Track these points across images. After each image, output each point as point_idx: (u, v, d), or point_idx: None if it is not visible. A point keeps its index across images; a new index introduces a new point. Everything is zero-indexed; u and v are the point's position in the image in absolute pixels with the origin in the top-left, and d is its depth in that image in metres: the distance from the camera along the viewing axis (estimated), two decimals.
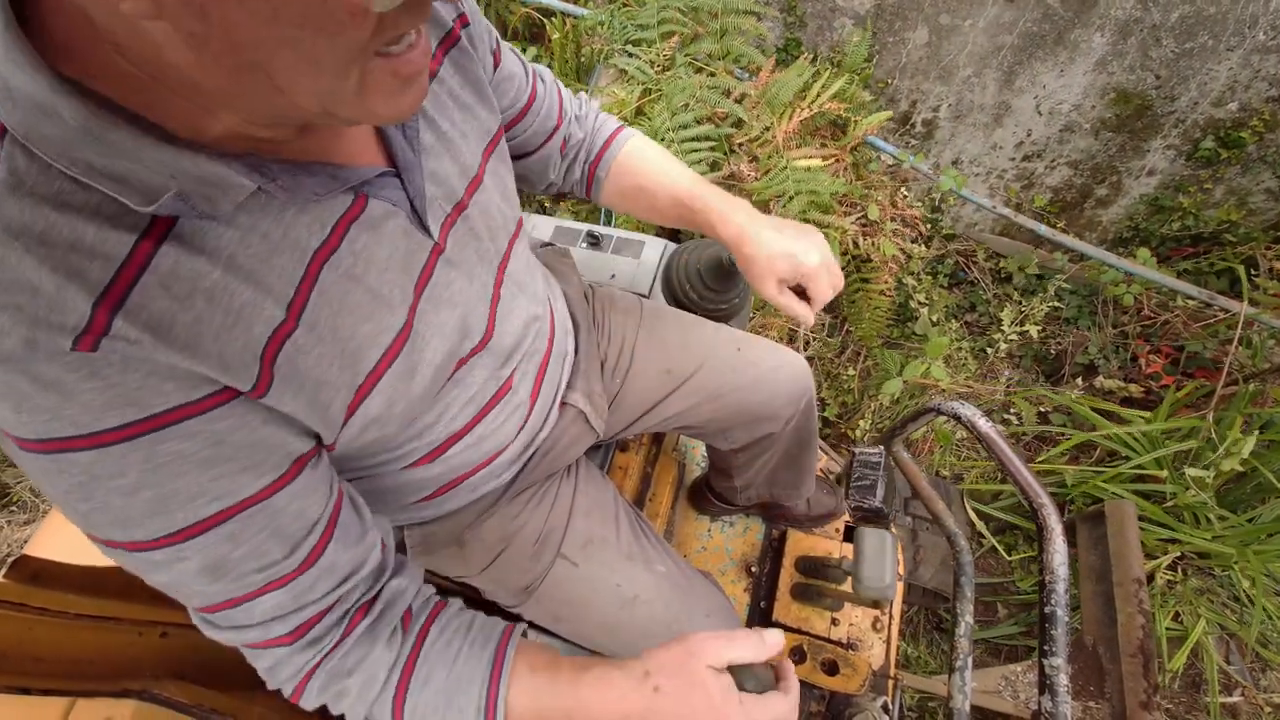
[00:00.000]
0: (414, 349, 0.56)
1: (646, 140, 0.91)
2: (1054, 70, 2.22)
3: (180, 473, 0.43)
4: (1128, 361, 2.46)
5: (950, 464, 2.45)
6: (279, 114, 0.39)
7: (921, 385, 2.36)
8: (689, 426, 1.07)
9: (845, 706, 1.35)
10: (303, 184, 0.45)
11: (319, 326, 0.48)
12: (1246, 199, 2.33)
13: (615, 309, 1.03)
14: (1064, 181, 2.55)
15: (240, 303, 0.43)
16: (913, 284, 2.51)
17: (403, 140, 0.53)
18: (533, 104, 0.79)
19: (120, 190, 0.37)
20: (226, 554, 0.46)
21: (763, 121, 1.94)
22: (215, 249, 0.42)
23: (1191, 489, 1.94)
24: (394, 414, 0.56)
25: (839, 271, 0.81)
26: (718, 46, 2.02)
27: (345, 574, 0.54)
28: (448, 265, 0.58)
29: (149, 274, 0.39)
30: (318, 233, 0.47)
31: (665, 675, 0.54)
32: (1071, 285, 2.64)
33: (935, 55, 2.33)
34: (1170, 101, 2.18)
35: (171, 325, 0.40)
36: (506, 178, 0.69)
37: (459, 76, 0.61)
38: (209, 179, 0.39)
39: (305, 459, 0.50)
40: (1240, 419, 1.95)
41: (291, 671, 0.53)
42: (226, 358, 0.43)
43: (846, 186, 1.96)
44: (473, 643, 0.57)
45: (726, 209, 0.82)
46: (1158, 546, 2.04)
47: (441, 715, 0.55)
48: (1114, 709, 1.73)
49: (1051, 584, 0.86)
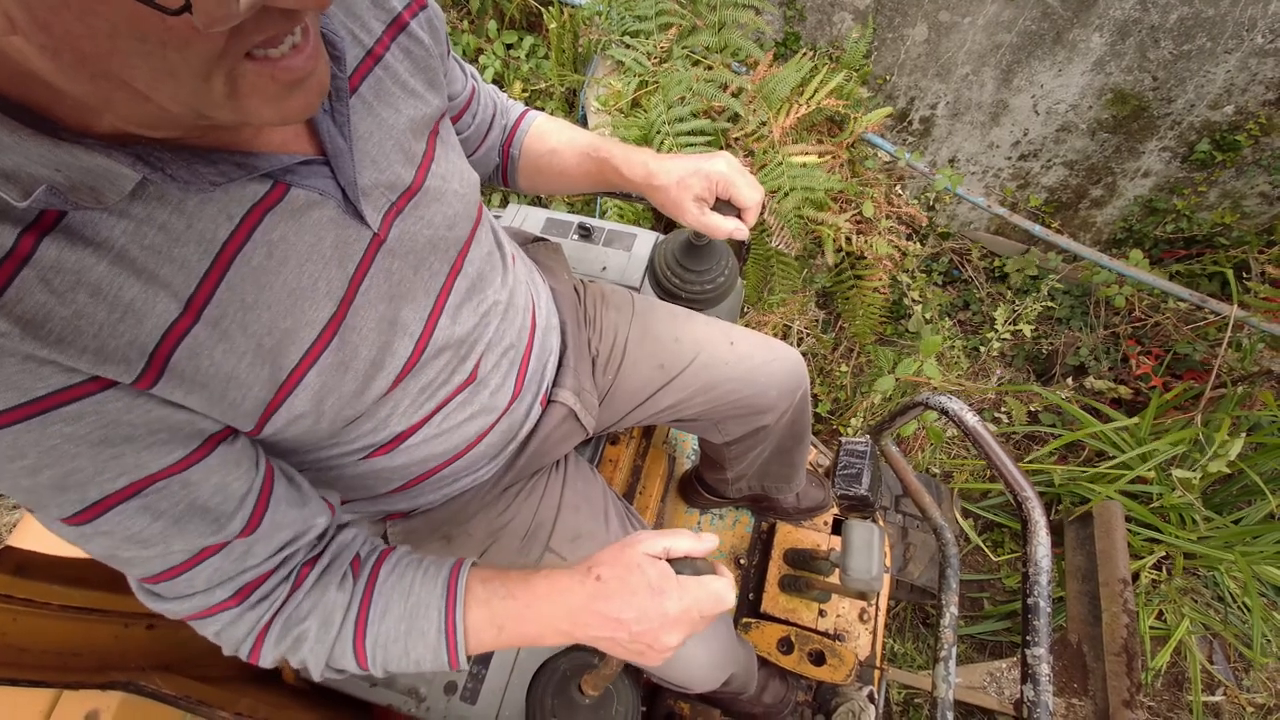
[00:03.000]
0: (345, 343, 0.54)
1: (549, 116, 0.92)
2: (1052, 70, 2.22)
3: (75, 453, 0.42)
4: (1118, 363, 2.47)
5: (940, 462, 2.46)
6: (154, 118, 0.38)
7: (914, 383, 2.36)
8: (682, 420, 1.07)
9: (831, 696, 1.38)
10: (199, 173, 0.43)
11: (224, 322, 0.47)
12: (1240, 202, 2.34)
13: (607, 304, 1.03)
14: (1059, 182, 2.55)
15: (130, 297, 0.42)
16: (907, 282, 2.51)
17: (332, 127, 0.51)
18: (472, 101, 0.80)
19: (3, 186, 0.37)
20: (145, 526, 0.46)
21: (759, 116, 1.93)
22: (104, 241, 0.41)
23: (1178, 490, 1.96)
24: (324, 409, 0.55)
25: (753, 178, 0.81)
26: (715, 39, 2.00)
27: (287, 539, 0.54)
28: (389, 256, 0.56)
29: (28, 268, 0.39)
30: (225, 224, 0.46)
31: (605, 566, 0.57)
32: (1065, 285, 2.64)
33: (934, 52, 2.32)
34: (1167, 103, 2.18)
35: (46, 320, 0.39)
36: (459, 162, 0.67)
37: (408, 62, 0.60)
38: (93, 170, 0.39)
39: (219, 437, 0.50)
40: (1229, 421, 1.96)
41: (244, 631, 0.53)
42: (106, 352, 0.42)
43: (842, 183, 1.95)
44: (425, 572, 0.59)
45: (631, 154, 0.83)
46: (1144, 547, 2.05)
47: (403, 642, 0.56)
48: (1097, 706, 1.75)
49: (1035, 575, 0.87)
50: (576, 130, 0.89)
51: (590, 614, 0.55)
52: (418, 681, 1.07)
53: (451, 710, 1.05)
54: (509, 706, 1.07)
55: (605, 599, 0.55)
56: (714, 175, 0.78)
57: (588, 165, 0.86)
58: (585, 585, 0.56)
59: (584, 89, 2.32)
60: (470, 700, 1.07)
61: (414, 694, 1.05)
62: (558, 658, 1.07)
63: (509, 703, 1.07)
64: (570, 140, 0.87)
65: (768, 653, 1.33)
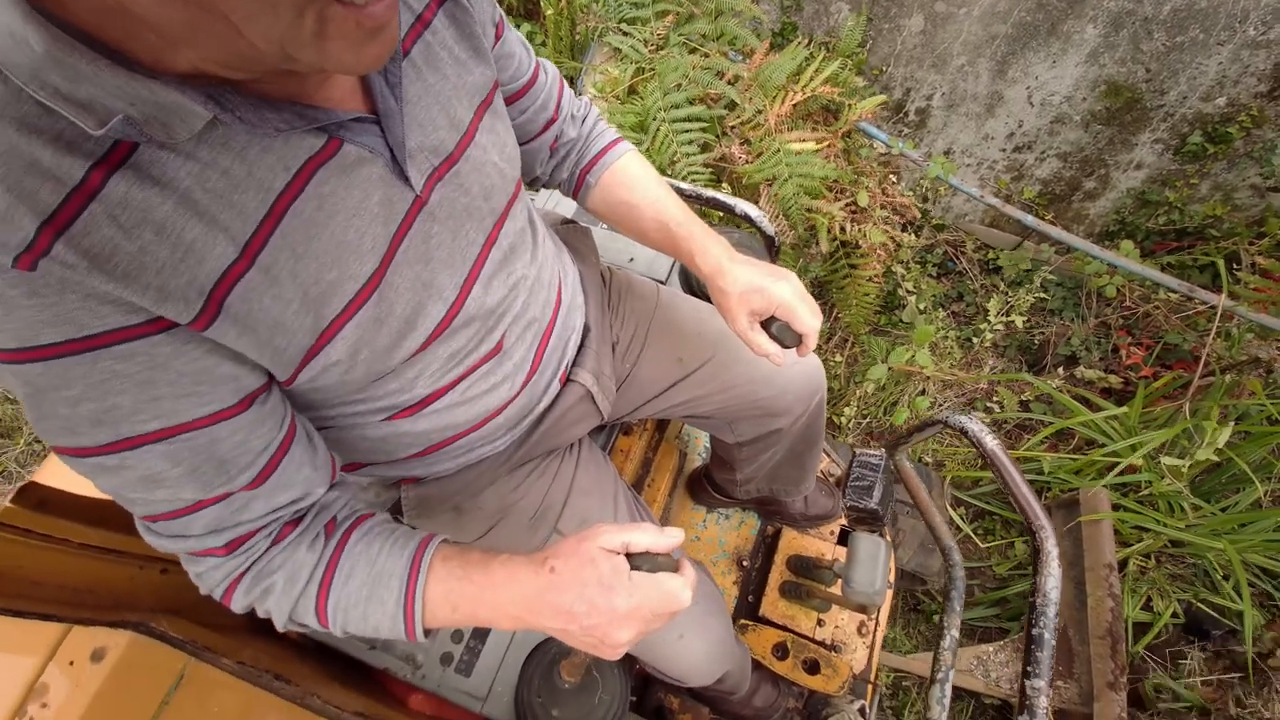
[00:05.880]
0: (384, 299, 0.56)
1: (641, 158, 0.91)
2: (1046, 61, 2.23)
3: (120, 390, 0.44)
4: (1109, 353, 2.50)
5: (933, 451, 2.48)
6: (239, 56, 0.39)
7: (906, 372, 2.38)
8: (696, 415, 1.07)
9: (823, 706, 1.36)
10: (265, 118, 0.44)
11: (275, 269, 0.48)
12: (1232, 195, 2.36)
13: (632, 293, 1.03)
14: (1053, 174, 2.57)
15: (191, 238, 0.44)
16: (901, 272, 2.53)
17: (385, 87, 0.52)
18: (530, 89, 0.79)
19: (80, 115, 0.38)
20: (164, 470, 0.48)
21: (755, 104, 1.94)
22: (170, 181, 0.43)
23: (1167, 478, 1.98)
24: (358, 361, 0.57)
25: (815, 305, 0.81)
26: (712, 27, 2.01)
27: (284, 502, 0.56)
28: (429, 219, 0.58)
29: (97, 202, 0.40)
30: (282, 174, 0.47)
31: (560, 558, 0.57)
32: (1057, 277, 2.66)
33: (930, 43, 2.33)
34: (1160, 95, 2.19)
35: (112, 254, 0.41)
36: (505, 137, 0.68)
37: (454, 30, 0.61)
38: (165, 106, 0.40)
39: (255, 394, 0.52)
40: (1217, 409, 1.98)
41: (221, 577, 0.56)
42: (167, 290, 0.43)
43: (838, 172, 1.97)
44: (394, 544, 0.60)
45: (708, 243, 0.83)
46: (1132, 535, 2.08)
47: (363, 607, 0.57)
48: (1082, 689, 1.77)
49: (1042, 606, 0.86)
50: (661, 190, 0.88)
51: (542, 604, 0.56)
52: (415, 649, 1.08)
53: (446, 680, 1.07)
54: (501, 683, 1.08)
55: (556, 591, 0.55)
56: (776, 299, 0.79)
57: (663, 235, 0.86)
58: (539, 576, 0.56)
59: (581, 76, 2.32)
60: (464, 673, 1.09)
61: (411, 660, 1.07)
62: (550, 641, 1.08)
63: (501, 679, 1.09)
64: (654, 200, 0.86)
65: (762, 656, 1.33)
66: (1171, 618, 2.04)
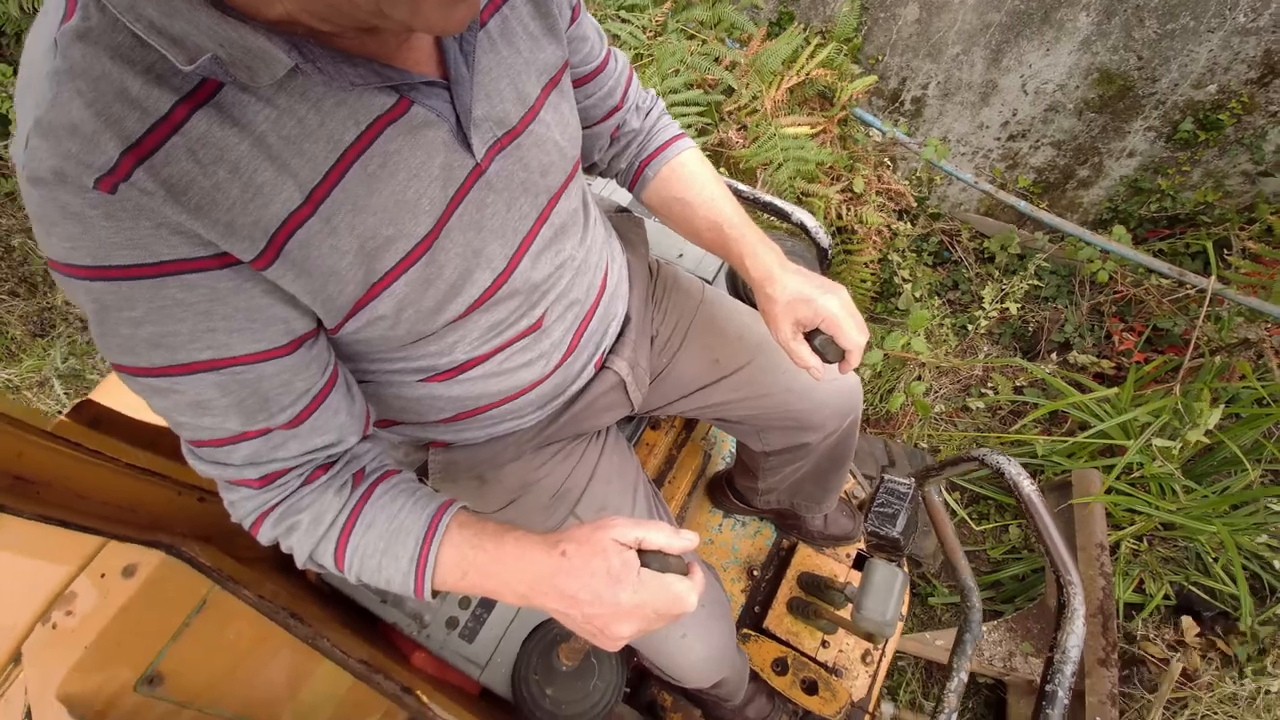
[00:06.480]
0: (434, 261, 0.57)
1: (702, 156, 0.90)
2: (1040, 49, 2.26)
3: (180, 318, 0.47)
4: (1102, 339, 2.52)
5: (927, 437, 2.50)
6: (333, 7, 0.40)
7: (902, 359, 2.40)
8: (726, 419, 1.06)
9: None
10: (343, 71, 0.46)
11: (335, 219, 0.50)
12: (1223, 182, 2.38)
13: (677, 288, 1.03)
14: (1047, 162, 2.60)
15: (261, 180, 0.46)
16: (897, 260, 2.55)
17: (458, 54, 0.54)
18: (599, 75, 0.79)
19: (172, 50, 0.40)
20: (213, 398, 0.51)
21: (752, 90, 1.96)
22: (248, 123, 0.45)
23: (1159, 460, 2.00)
24: (402, 318, 0.59)
25: (862, 321, 0.79)
26: (709, 14, 2.03)
27: (318, 445, 0.58)
28: (486, 188, 0.59)
29: (179, 135, 0.42)
30: (352, 129, 0.49)
31: (573, 543, 0.57)
32: (1051, 265, 2.69)
33: (925, 32, 2.35)
34: (1151, 82, 2.22)
35: (187, 187, 0.43)
36: (570, 117, 0.69)
37: (531, 7, 0.62)
38: (252, 50, 0.41)
39: (304, 338, 0.54)
40: (1207, 391, 2.01)
41: (252, 508, 0.58)
42: (234, 227, 0.46)
43: (833, 156, 1.99)
44: (416, 503, 0.61)
45: (760, 248, 0.81)
46: (1125, 518, 2.10)
47: (378, 559, 0.59)
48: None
49: (1060, 663, 0.82)
50: (719, 189, 0.87)
51: (548, 586, 0.56)
52: (423, 609, 1.10)
53: (449, 643, 1.09)
54: (501, 655, 1.10)
55: (565, 575, 0.56)
56: (823, 311, 0.77)
57: (715, 236, 0.85)
58: (550, 558, 0.57)
59: None
60: (467, 639, 1.11)
61: (418, 619, 1.09)
62: (552, 622, 1.09)
63: (502, 651, 1.10)
64: (709, 200, 0.85)
65: (761, 668, 1.32)
66: (1164, 600, 2.06)
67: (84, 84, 0.40)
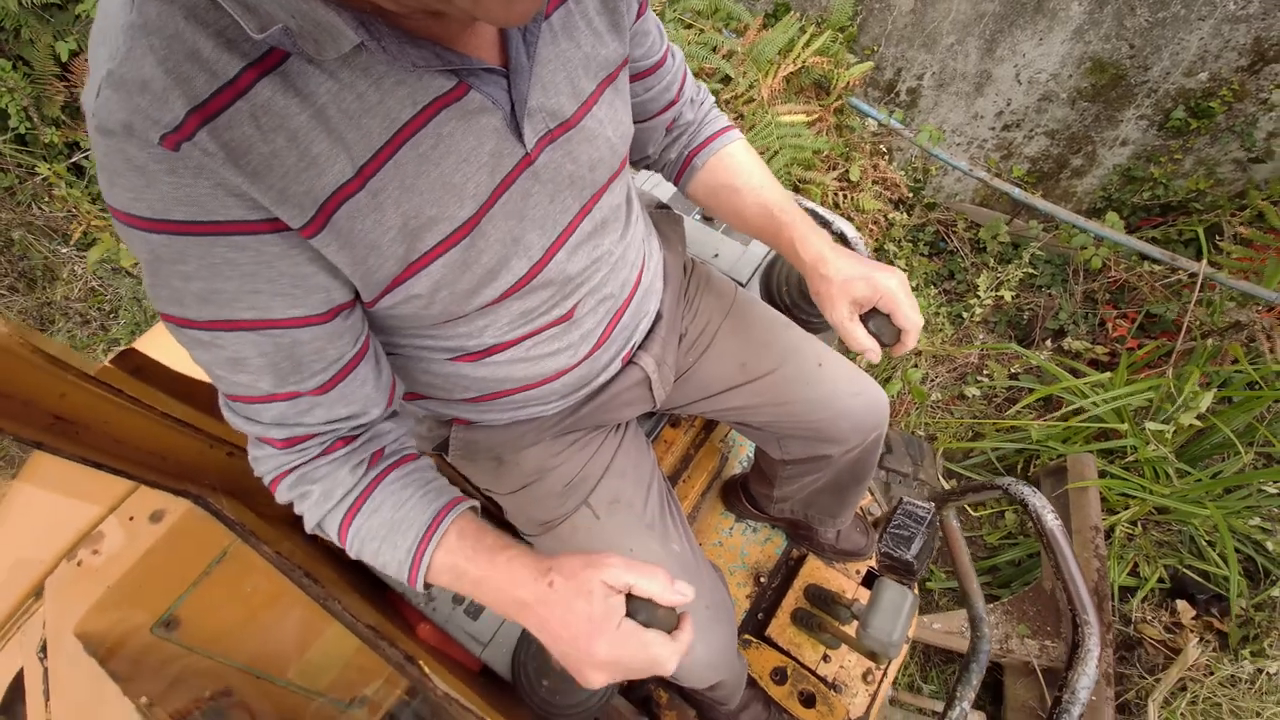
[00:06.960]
0: (473, 246, 0.58)
1: (749, 147, 0.90)
2: (1033, 39, 2.28)
3: (227, 276, 0.49)
4: (1095, 326, 2.55)
5: (925, 424, 2.53)
6: None
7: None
8: (747, 424, 1.06)
9: None
10: (406, 52, 0.47)
11: (382, 195, 0.51)
12: (1215, 169, 2.41)
13: (709, 288, 1.03)
14: (1041, 151, 2.62)
15: (316, 151, 0.47)
16: (893, 250, 2.57)
17: (521, 44, 0.54)
18: (658, 70, 0.79)
19: (245, 17, 0.41)
20: (249, 356, 0.53)
21: (749, 79, 1.98)
22: (310, 95, 0.46)
23: (1152, 444, 2.03)
24: (436, 299, 0.59)
25: (916, 302, 0.78)
26: (707, 4, 2.05)
27: (343, 415, 0.60)
28: (533, 178, 0.59)
29: (244, 100, 0.43)
30: (409, 109, 0.50)
31: (562, 575, 0.57)
32: (1045, 254, 2.72)
33: (920, 22, 2.37)
34: (1144, 71, 2.24)
35: (247, 152, 0.44)
36: (623, 113, 0.68)
37: (598, 1, 0.62)
38: (321, 24, 0.42)
39: (340, 309, 0.56)
40: (1199, 374, 2.03)
41: (273, 466, 0.60)
42: (287, 195, 0.47)
43: (829, 144, 2.01)
44: (425, 495, 0.63)
45: (809, 232, 0.81)
46: (1119, 502, 2.12)
47: (378, 544, 0.61)
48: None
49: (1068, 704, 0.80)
50: (767, 177, 0.87)
51: (529, 612, 0.57)
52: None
53: (454, 618, 1.11)
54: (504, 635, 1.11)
55: (546, 607, 0.56)
56: (881, 288, 0.76)
57: (765, 221, 0.85)
58: (536, 584, 0.57)
59: None
60: (472, 615, 1.12)
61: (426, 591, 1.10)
62: None
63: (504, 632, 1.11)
64: (758, 186, 0.85)
65: (759, 676, 1.32)
66: (1158, 583, 2.09)
67: (157, 41, 0.41)
